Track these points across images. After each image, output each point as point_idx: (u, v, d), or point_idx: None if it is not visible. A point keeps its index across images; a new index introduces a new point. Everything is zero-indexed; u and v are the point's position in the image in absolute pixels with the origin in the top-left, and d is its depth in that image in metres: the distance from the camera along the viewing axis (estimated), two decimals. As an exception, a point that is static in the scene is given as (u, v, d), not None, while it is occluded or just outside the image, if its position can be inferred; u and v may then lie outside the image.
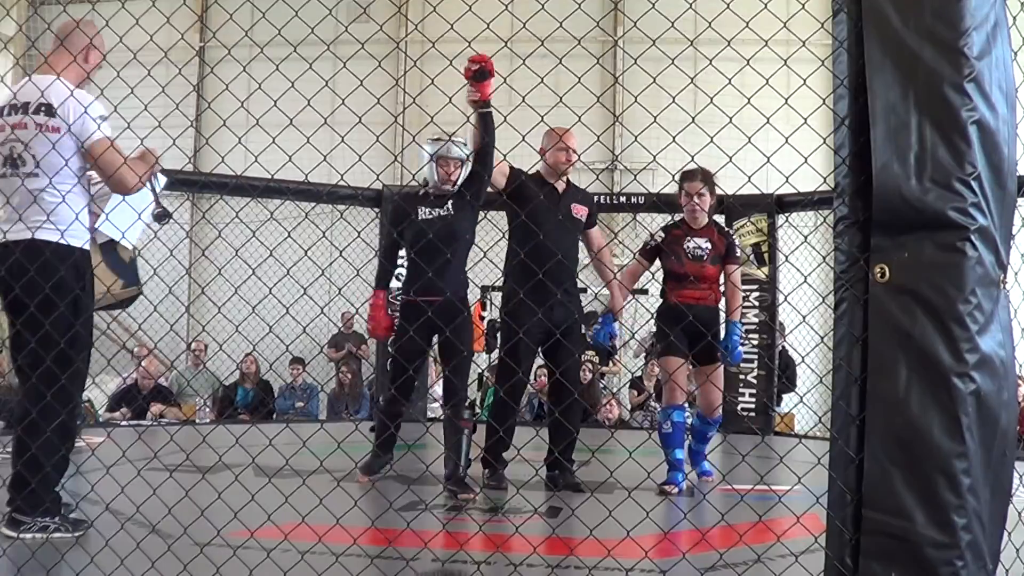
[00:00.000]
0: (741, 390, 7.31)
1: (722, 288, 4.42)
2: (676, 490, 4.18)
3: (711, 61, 2.14)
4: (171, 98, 3.22)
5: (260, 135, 2.87)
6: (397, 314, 4.40)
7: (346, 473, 2.92)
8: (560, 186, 4.39)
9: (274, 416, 8.35)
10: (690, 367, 4.62)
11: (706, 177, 4.35)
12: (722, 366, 4.55)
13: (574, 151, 4.27)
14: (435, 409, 8.34)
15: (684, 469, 4.30)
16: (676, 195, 4.52)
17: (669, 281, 4.43)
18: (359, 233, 3.28)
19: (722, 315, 4.44)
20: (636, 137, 2.53)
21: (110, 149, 2.90)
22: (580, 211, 4.40)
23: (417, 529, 2.73)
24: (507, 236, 4.34)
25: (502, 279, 4.53)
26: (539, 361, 8.37)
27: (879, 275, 1.73)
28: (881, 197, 1.73)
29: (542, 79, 2.46)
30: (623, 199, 8.15)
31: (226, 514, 2.88)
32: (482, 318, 8.43)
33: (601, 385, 8.69)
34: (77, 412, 3.01)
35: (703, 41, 2.65)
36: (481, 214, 6.64)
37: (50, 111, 2.87)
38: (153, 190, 3.18)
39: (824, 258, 2.49)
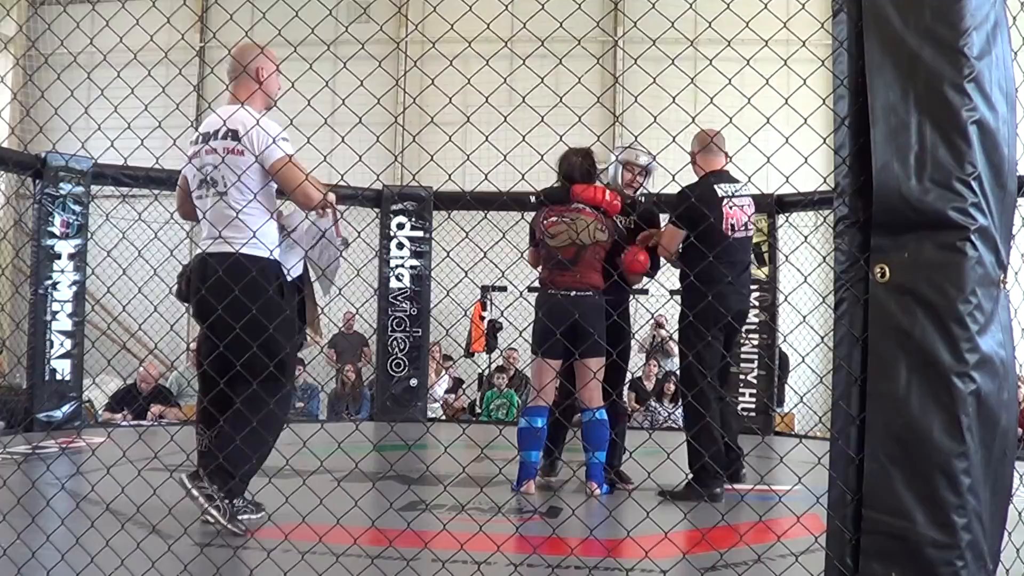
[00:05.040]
0: (741, 390, 7.31)
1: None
2: None
3: (711, 61, 2.14)
4: (171, 98, 3.22)
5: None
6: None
7: (346, 473, 2.92)
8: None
9: (274, 416, 8.33)
10: None
11: None
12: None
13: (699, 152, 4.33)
14: (435, 409, 8.34)
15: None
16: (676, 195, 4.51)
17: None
18: (359, 233, 3.28)
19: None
20: (636, 137, 2.53)
21: (289, 165, 3.10)
22: None
23: (417, 529, 2.73)
24: None
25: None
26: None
27: (879, 275, 1.73)
28: (881, 197, 1.73)
29: (542, 79, 2.46)
30: (623, 199, 8.13)
31: (226, 514, 2.88)
32: (482, 318, 8.42)
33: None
34: (286, 411, 3.28)
35: (703, 41, 2.66)
36: (480, 214, 6.64)
37: (235, 136, 3.13)
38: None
39: (824, 258, 2.49)
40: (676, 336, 4.42)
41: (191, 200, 3.31)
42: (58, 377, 6.46)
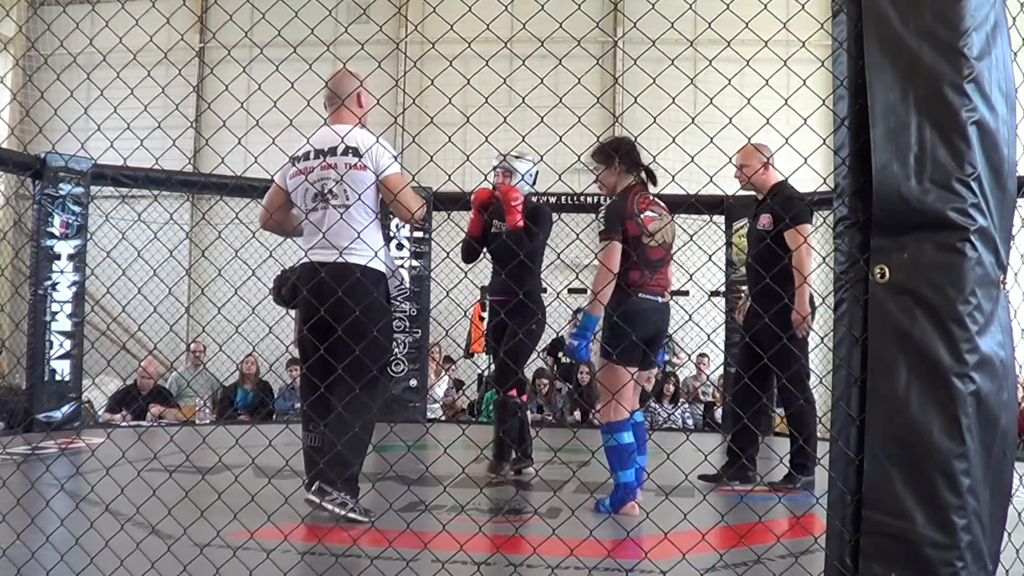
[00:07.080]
0: (741, 390, 7.29)
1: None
2: None
3: (711, 61, 2.14)
4: (171, 98, 3.23)
5: (260, 135, 2.88)
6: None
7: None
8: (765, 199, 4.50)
9: (274, 417, 8.35)
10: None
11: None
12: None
13: (740, 166, 4.41)
14: (435, 410, 8.34)
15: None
16: (676, 195, 4.53)
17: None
18: (359, 234, 3.28)
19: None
20: (636, 137, 2.53)
21: (404, 182, 3.34)
22: (763, 221, 4.40)
23: (417, 530, 2.73)
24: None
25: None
26: (539, 363, 8.40)
27: (879, 275, 1.73)
28: (881, 197, 1.73)
29: (542, 79, 2.46)
30: (623, 199, 8.13)
31: (226, 514, 2.88)
32: (482, 319, 8.42)
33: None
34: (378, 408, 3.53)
35: (703, 41, 2.65)
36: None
37: (357, 153, 3.35)
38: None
39: (824, 258, 2.49)
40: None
41: (287, 212, 3.52)
42: (58, 378, 6.46)
